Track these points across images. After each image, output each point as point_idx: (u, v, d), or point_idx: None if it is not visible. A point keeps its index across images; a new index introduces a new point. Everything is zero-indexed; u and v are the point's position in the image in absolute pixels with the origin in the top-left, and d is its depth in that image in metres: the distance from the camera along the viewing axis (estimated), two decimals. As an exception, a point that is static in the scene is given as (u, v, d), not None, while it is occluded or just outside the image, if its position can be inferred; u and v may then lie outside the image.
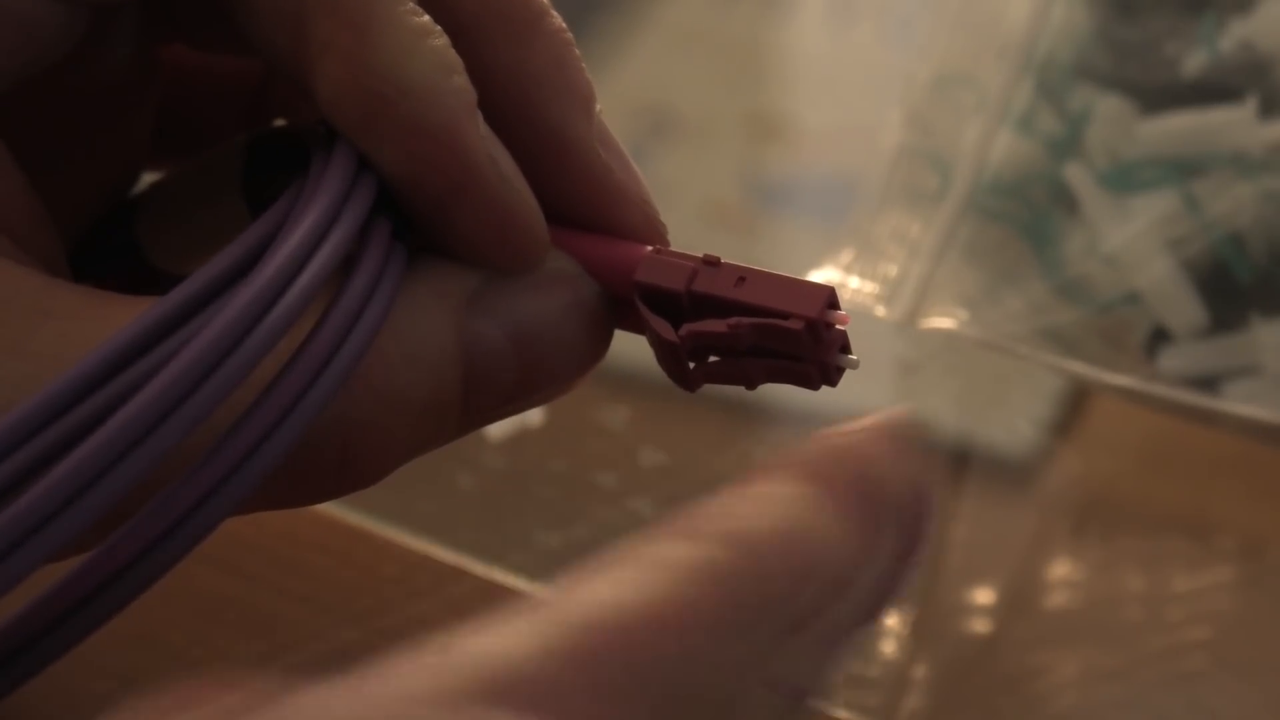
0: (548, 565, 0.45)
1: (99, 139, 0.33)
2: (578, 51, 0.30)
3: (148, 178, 0.35)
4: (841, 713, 0.40)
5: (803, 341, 0.28)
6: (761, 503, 0.23)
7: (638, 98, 0.63)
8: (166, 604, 0.41)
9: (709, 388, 0.30)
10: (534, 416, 0.49)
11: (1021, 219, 0.47)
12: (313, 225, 0.26)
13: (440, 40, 0.28)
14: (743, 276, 0.29)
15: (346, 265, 0.27)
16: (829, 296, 0.28)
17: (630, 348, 0.31)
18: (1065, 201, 0.46)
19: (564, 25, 0.30)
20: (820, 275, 0.46)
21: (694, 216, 0.58)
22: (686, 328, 0.29)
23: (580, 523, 0.47)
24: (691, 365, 0.29)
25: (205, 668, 0.41)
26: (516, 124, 0.29)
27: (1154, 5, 0.47)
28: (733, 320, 0.28)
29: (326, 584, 0.43)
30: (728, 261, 0.29)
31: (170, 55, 0.34)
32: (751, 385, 0.29)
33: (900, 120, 0.48)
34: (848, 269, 0.47)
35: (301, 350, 0.26)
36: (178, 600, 0.42)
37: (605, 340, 0.30)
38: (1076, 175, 0.46)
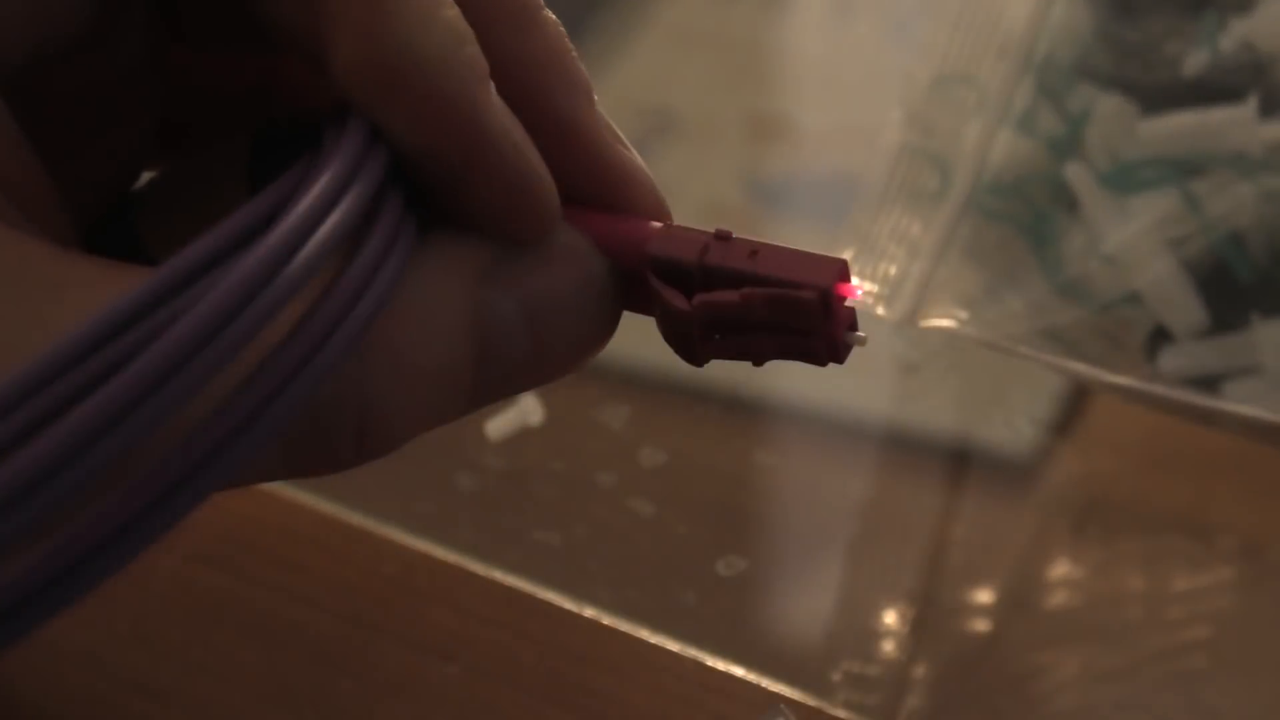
0: (548, 565, 0.45)
1: (102, 135, 0.33)
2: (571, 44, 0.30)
3: (145, 175, 0.35)
4: (841, 712, 0.40)
5: (814, 313, 0.28)
6: None
7: (638, 98, 0.63)
8: (166, 604, 0.41)
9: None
10: (534, 416, 0.49)
11: (1021, 219, 0.47)
12: (323, 191, 0.26)
13: (452, 11, 0.28)
14: (755, 250, 0.29)
15: (357, 235, 0.27)
16: (841, 269, 0.28)
17: (631, 346, 0.31)
18: (1065, 201, 0.46)
19: (557, 19, 0.30)
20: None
21: (694, 216, 0.58)
22: (699, 298, 0.29)
23: (580, 523, 0.47)
24: (700, 341, 0.29)
25: (205, 668, 0.41)
26: (522, 108, 0.29)
27: (1154, 5, 0.47)
28: (745, 291, 0.28)
29: (326, 584, 0.43)
30: (739, 236, 0.29)
31: (174, 55, 0.34)
32: (759, 361, 0.29)
33: (900, 120, 0.48)
34: (848, 269, 0.47)
35: (307, 317, 0.26)
36: (178, 600, 0.42)
37: (614, 317, 0.31)
38: (1076, 175, 0.46)
